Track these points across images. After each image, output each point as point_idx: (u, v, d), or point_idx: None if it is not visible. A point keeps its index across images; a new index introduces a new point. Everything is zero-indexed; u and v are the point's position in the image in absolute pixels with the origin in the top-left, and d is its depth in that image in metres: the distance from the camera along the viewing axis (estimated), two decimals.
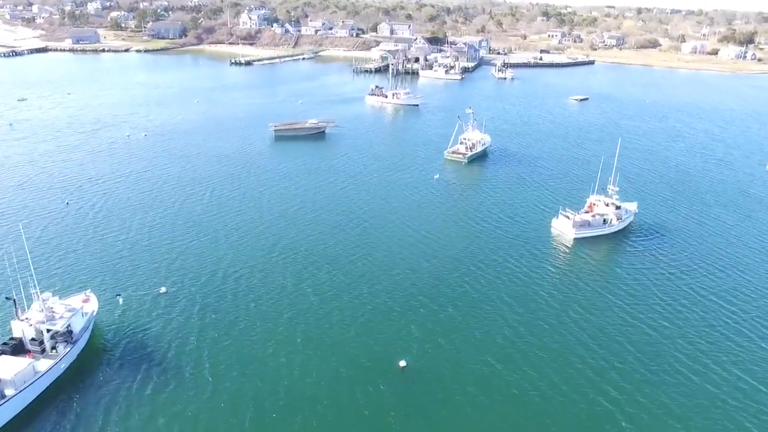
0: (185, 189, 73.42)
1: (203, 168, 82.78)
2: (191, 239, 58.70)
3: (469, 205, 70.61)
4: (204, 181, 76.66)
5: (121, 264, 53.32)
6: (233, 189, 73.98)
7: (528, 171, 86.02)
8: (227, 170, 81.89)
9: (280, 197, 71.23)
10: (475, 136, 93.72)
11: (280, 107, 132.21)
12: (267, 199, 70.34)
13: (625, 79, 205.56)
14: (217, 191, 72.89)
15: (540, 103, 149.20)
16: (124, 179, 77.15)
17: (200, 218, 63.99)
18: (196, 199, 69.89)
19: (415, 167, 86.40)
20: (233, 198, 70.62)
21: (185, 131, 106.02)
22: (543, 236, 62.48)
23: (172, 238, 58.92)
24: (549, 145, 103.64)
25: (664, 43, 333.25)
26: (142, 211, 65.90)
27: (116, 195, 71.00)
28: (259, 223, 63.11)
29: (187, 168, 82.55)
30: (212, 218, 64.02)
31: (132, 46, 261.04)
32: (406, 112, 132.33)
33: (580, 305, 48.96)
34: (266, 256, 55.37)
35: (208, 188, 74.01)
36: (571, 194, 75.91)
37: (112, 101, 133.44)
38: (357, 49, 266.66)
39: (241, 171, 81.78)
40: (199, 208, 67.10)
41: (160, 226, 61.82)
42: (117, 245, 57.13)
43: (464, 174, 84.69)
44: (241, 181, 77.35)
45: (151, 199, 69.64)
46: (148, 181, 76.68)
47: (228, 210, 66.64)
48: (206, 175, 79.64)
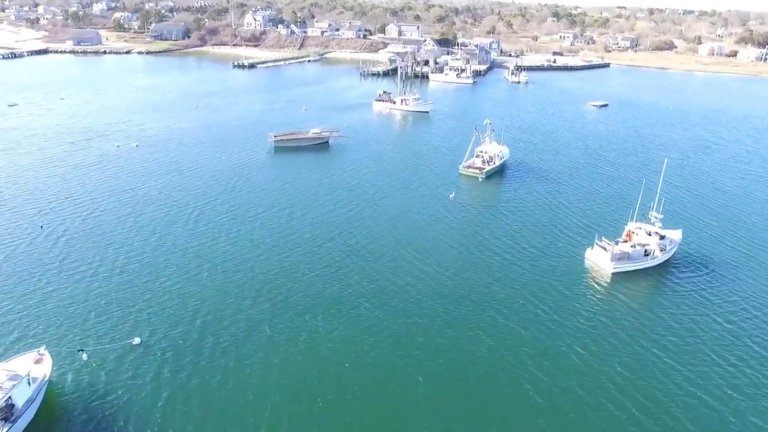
0: (172, 212, 66.21)
1: (194, 185, 75.63)
2: (173, 275, 51.49)
3: (488, 232, 62.95)
4: (193, 202, 69.46)
5: (90, 308, 46.12)
6: (224, 212, 66.68)
7: (551, 190, 78.24)
8: (220, 188, 74.69)
9: (275, 223, 63.84)
10: (492, 148, 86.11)
11: (282, 114, 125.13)
12: (260, 225, 62.90)
13: (643, 83, 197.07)
14: (206, 214, 65.60)
15: (557, 109, 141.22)
16: (106, 199, 70.13)
17: (185, 248, 56.75)
18: (182, 225, 62.64)
19: (428, 184, 78.90)
20: (223, 223, 63.29)
21: (180, 141, 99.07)
22: (575, 270, 54.81)
23: (151, 274, 51.71)
24: (571, 158, 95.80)
25: (680, 44, 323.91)
26: (122, 238, 58.78)
27: (96, 218, 63.93)
28: (250, 255, 55.69)
29: (177, 185, 75.44)
30: (198, 248, 56.76)
31: (134, 47, 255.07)
32: (415, 119, 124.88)
33: (622, 363, 41.35)
34: (255, 299, 48.01)
35: (197, 210, 66.75)
36: (602, 218, 68.14)
37: (107, 107, 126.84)
38: (364, 51, 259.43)
39: (235, 189, 74.57)
40: (185, 235, 59.85)
41: (139, 258, 54.64)
42: (87, 283, 49.95)
43: (482, 192, 77.08)
44: (234, 201, 70.09)
45: (132, 224, 62.51)
46: (132, 201, 69.62)
47: (216, 238, 59.34)
48: (196, 193, 72.47)
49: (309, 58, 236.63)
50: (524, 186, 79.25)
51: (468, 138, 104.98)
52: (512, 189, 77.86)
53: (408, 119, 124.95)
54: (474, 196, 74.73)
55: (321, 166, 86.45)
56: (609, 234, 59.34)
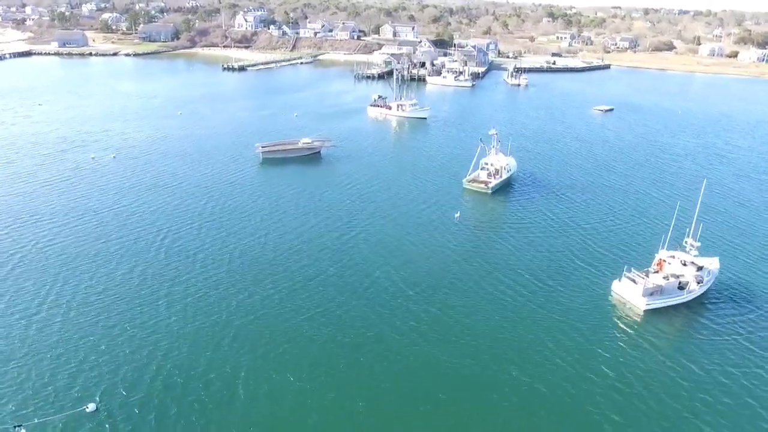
0: (142, 238, 59.07)
1: (170, 205, 68.50)
2: (137, 319, 44.42)
3: (498, 260, 56.11)
4: (167, 225, 62.35)
5: (35, 366, 39.03)
6: (201, 239, 59.42)
7: (565, 208, 71.49)
8: (198, 208, 67.58)
9: (257, 252, 56.71)
10: (499, 160, 79.40)
11: (272, 121, 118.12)
12: (240, 255, 55.67)
13: (646, 86, 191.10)
14: (181, 241, 58.42)
15: (561, 114, 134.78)
16: (73, 221, 62.96)
17: (153, 285, 49.59)
18: (153, 254, 55.48)
19: (429, 201, 72.11)
20: (199, 253, 56.02)
21: (161, 152, 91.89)
22: (599, 307, 48.11)
23: (111, 318, 44.55)
24: (581, 170, 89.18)
25: (679, 45, 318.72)
26: (82, 271, 51.55)
27: (56, 246, 56.75)
28: (227, 293, 48.49)
29: (151, 205, 68.32)
30: (169, 285, 49.62)
31: (121, 49, 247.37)
32: (412, 126, 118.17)
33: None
34: (230, 350, 41.04)
35: (171, 236, 59.59)
36: (624, 242, 61.36)
37: (87, 114, 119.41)
38: (358, 52, 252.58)
39: (216, 210, 67.48)
40: (155, 268, 52.72)
41: (100, 296, 47.50)
42: (33, 330, 42.82)
43: (488, 210, 70.31)
44: (213, 225, 62.95)
45: (97, 253, 55.36)
46: (101, 224, 62.47)
47: (189, 272, 52.12)
48: (172, 215, 65.38)
49: (301, 60, 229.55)
50: (534, 203, 72.53)
51: (470, 146, 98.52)
52: (521, 207, 71.11)
53: (404, 126, 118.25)
54: (480, 216, 67.95)
55: (311, 180, 79.50)
56: (634, 262, 52.76)
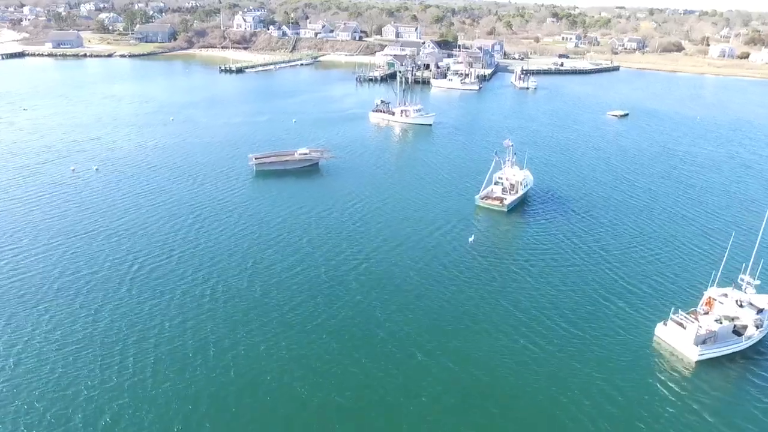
0: (114, 270, 52.26)
1: (152, 227, 61.92)
2: (96, 378, 37.98)
3: (520, 295, 49.48)
4: (145, 253, 55.71)
5: None
6: (181, 271, 52.88)
7: (589, 229, 64.74)
8: (182, 231, 61.05)
9: (244, 286, 50.13)
10: (514, 174, 72.81)
11: (268, 128, 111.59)
12: (223, 291, 48.97)
13: (658, 89, 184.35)
14: (157, 273, 51.58)
15: (574, 120, 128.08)
16: (39, 247, 56.41)
17: (119, 332, 42.87)
18: (124, 291, 48.78)
19: (438, 220, 65.54)
20: (177, 289, 49.21)
21: (148, 164, 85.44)
22: (643, 357, 41.36)
23: (66, 378, 38.08)
24: (602, 183, 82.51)
25: (687, 46, 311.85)
26: (40, 315, 44.99)
27: (16, 282, 50.30)
28: (207, 341, 41.90)
29: (130, 227, 61.78)
30: (138, 331, 43.02)
31: (116, 50, 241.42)
32: (417, 133, 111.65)
33: None
34: (206, 418, 34.68)
35: (146, 266, 52.77)
36: (661, 273, 54.53)
37: (74, 121, 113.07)
38: (360, 53, 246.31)
39: (201, 233, 60.88)
40: (124, 306, 45.99)
41: (57, 354, 41.00)
42: None
43: (505, 233, 63.65)
44: (196, 252, 56.24)
45: (58, 291, 48.81)
46: (69, 250, 55.90)
47: (163, 313, 45.50)
48: (152, 240, 58.78)
49: (301, 61, 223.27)
50: (555, 224, 65.85)
51: (480, 156, 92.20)
52: (542, 228, 64.41)
53: (408, 133, 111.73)
54: (497, 240, 61.26)
55: (307, 197, 72.84)
56: (677, 299, 46.29)
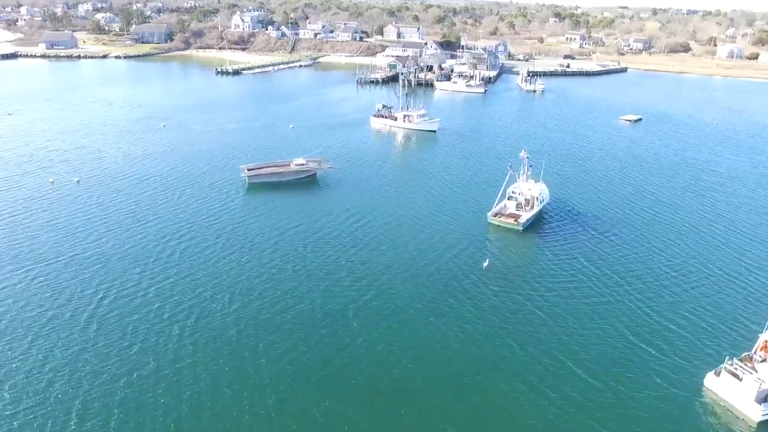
0: (86, 303, 46.66)
1: (131, 251, 56.05)
2: None
3: (543, 335, 43.55)
4: (120, 282, 49.99)
5: None
6: (161, 301, 47.20)
7: (614, 252, 58.48)
8: (167, 254, 55.32)
9: (230, 319, 44.61)
10: (530, 188, 66.91)
11: (264, 134, 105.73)
12: (208, 324, 43.43)
13: (669, 91, 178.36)
14: (132, 308, 46.04)
15: (586, 126, 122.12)
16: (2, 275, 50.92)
17: (83, 383, 37.36)
18: (91, 333, 43.25)
19: (447, 241, 59.66)
20: (154, 326, 43.65)
21: (133, 175, 79.60)
22: (691, 415, 35.46)
23: None
24: (621, 198, 76.48)
25: (694, 47, 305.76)
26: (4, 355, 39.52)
27: None
28: (179, 399, 36.47)
29: (108, 250, 56.00)
30: (108, 379, 37.43)
31: (111, 51, 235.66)
32: (420, 140, 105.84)
33: None
34: None
35: (121, 299, 47.07)
36: (702, 307, 48.19)
37: (60, 127, 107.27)
38: (361, 54, 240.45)
39: (187, 254, 55.19)
40: (96, 349, 40.40)
41: (8, 420, 35.41)
42: None
43: (522, 256, 57.76)
44: (180, 278, 50.47)
45: (17, 329, 43.25)
46: (36, 281, 50.27)
47: (138, 356, 39.93)
48: (131, 266, 52.95)
49: (300, 62, 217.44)
50: (575, 246, 59.89)
51: (488, 166, 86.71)
52: (562, 251, 58.49)
53: (412, 140, 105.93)
54: (513, 265, 55.35)
55: (303, 214, 66.89)
56: (723, 341, 40.53)
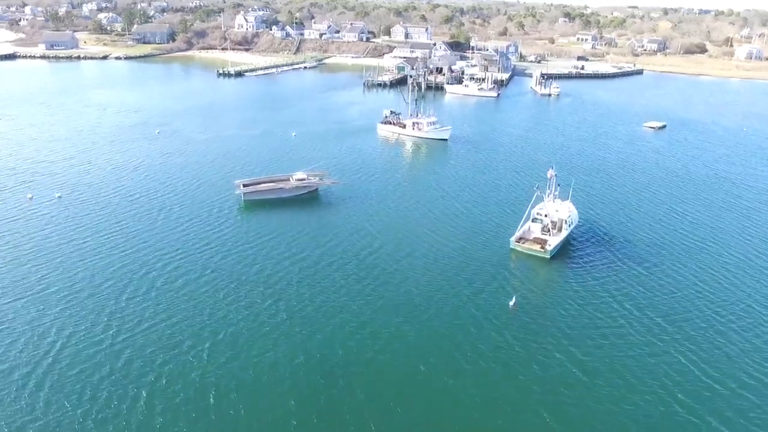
0: (46, 353, 40.03)
1: (105, 285, 49.22)
2: None
3: (580, 393, 36.71)
4: (87, 327, 43.29)
5: None
6: (130, 350, 40.58)
7: (660, 289, 50.72)
8: (145, 287, 48.57)
9: (210, 379, 37.85)
10: (558, 209, 59.66)
11: (264, 143, 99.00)
12: (179, 391, 36.72)
13: (690, 95, 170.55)
14: (95, 361, 39.43)
15: (607, 134, 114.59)
16: None
17: None
18: (49, 398, 36.68)
19: (466, 272, 52.50)
20: (120, 385, 37.15)
21: (120, 191, 72.91)
22: None
23: None
24: (656, 219, 68.85)
25: (710, 47, 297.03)
26: None
27: None
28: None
29: (78, 282, 49.27)
30: None
31: (112, 52, 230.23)
32: (431, 150, 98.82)
33: None
34: None
35: (85, 352, 40.41)
36: None
37: (49, 134, 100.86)
38: (367, 55, 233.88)
39: (167, 285, 48.44)
40: (49, 420, 33.88)
41: None
42: None
43: (553, 290, 50.53)
44: (154, 324, 43.71)
45: None
46: (4, 314, 43.82)
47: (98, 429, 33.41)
48: (102, 306, 46.30)
49: (305, 64, 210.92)
50: (611, 278, 52.55)
51: (506, 181, 79.87)
52: (596, 285, 51.20)
53: (421, 150, 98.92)
54: (543, 302, 48.12)
55: (303, 239, 59.91)
56: None
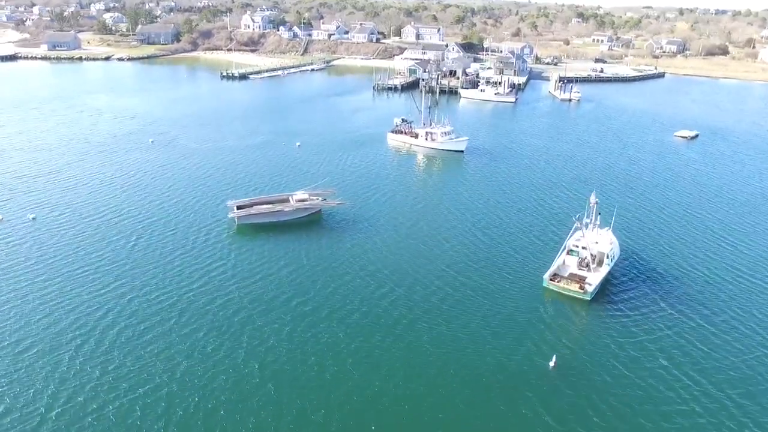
0: None
1: (63, 337, 41.97)
2: None
3: None
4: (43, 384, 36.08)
5: None
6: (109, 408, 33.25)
7: (717, 340, 43.40)
8: (112, 334, 41.11)
9: None
10: (598, 242, 51.52)
11: (265, 154, 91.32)
12: None
13: (718, 99, 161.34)
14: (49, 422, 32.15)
15: (636, 144, 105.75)
16: None
17: None
18: None
19: (495, 320, 44.42)
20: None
21: (102, 212, 65.24)
22: None
23: None
24: (708, 250, 60.09)
25: (731, 49, 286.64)
26: None
27: None
28: None
29: (34, 334, 42.01)
30: None
31: (115, 53, 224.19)
32: (445, 163, 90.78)
33: None
34: None
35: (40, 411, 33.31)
36: None
37: (35, 145, 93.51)
38: (377, 57, 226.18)
39: (143, 339, 40.99)
40: None
41: None
42: None
43: (595, 343, 42.31)
44: (121, 398, 36.53)
45: None
46: None
47: None
48: (56, 360, 39.02)
49: (313, 66, 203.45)
50: (666, 329, 44.14)
51: (531, 203, 71.74)
52: (645, 338, 42.91)
53: (435, 163, 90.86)
54: (586, 361, 39.93)
55: (303, 273, 52.17)
56: None
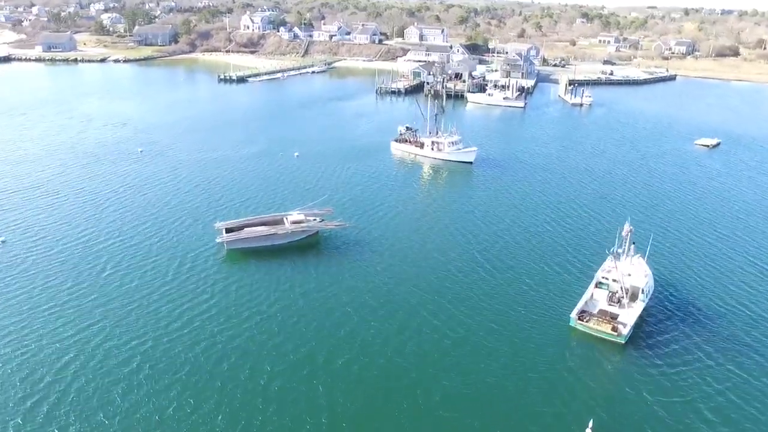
0: None
1: (23, 386, 36.35)
2: None
3: None
4: None
5: None
6: None
7: None
8: (77, 387, 35.50)
9: None
10: (632, 273, 45.80)
11: (260, 166, 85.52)
12: None
13: (734, 103, 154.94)
14: None
15: (656, 154, 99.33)
16: None
17: None
18: None
19: (517, 372, 38.71)
20: None
21: (81, 234, 59.84)
22: None
23: None
24: (747, 280, 54.50)
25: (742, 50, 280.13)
26: None
27: None
28: None
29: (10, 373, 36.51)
30: None
31: (111, 54, 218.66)
32: (453, 176, 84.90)
33: None
34: None
35: None
36: None
37: (18, 155, 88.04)
38: (380, 58, 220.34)
39: (106, 383, 35.36)
40: None
41: None
42: None
43: (635, 403, 36.44)
44: None
45: None
46: None
47: None
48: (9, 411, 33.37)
49: (313, 68, 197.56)
50: (714, 381, 38.27)
51: (546, 222, 65.65)
52: (700, 395, 36.95)
53: (442, 175, 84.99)
54: (629, 421, 34.21)
55: (296, 309, 46.52)
56: None
